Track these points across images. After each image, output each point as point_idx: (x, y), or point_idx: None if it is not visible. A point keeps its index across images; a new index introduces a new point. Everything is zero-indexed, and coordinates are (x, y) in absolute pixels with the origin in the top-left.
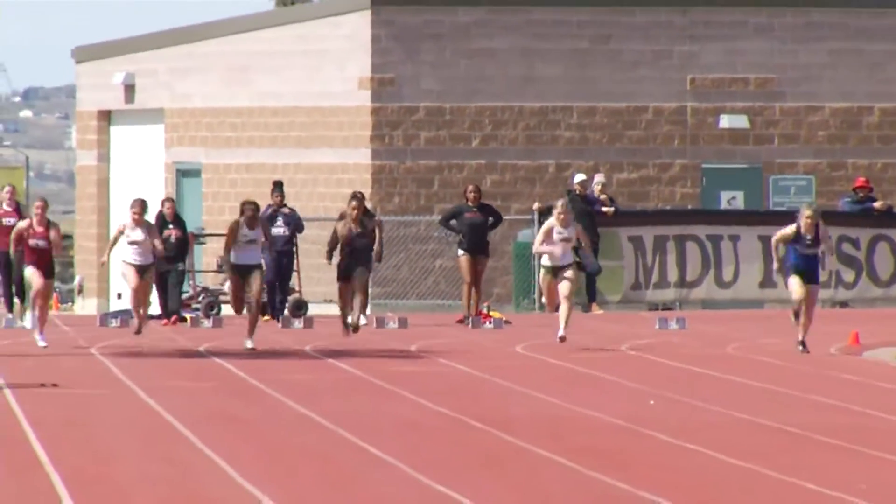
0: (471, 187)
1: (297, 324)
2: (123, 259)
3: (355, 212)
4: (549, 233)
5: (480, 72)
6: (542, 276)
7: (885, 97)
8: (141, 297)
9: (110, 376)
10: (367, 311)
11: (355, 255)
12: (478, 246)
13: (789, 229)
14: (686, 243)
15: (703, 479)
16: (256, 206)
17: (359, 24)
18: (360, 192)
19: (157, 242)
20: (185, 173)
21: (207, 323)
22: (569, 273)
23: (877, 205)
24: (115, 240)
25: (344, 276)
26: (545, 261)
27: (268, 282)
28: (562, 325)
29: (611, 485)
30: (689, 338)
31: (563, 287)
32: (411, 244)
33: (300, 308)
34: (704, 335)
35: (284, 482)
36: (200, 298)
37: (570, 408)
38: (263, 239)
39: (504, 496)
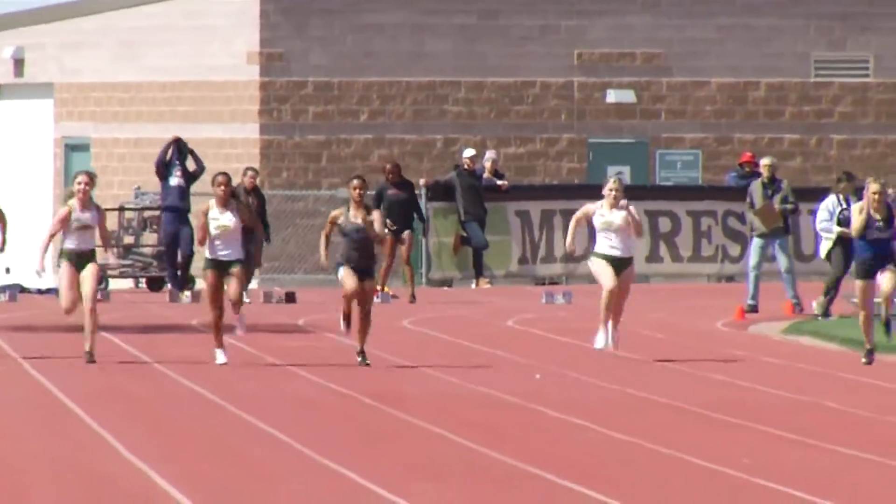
0: (388, 166)
1: (186, 298)
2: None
3: (358, 193)
4: (588, 218)
5: (369, 47)
6: (593, 264)
7: (772, 72)
8: (73, 300)
9: None
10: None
11: (360, 248)
12: (403, 222)
13: (857, 213)
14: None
15: (588, 454)
16: (229, 179)
17: None
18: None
19: (105, 228)
20: (73, 148)
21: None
22: (627, 273)
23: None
24: (57, 230)
25: (352, 267)
26: (601, 248)
27: (186, 254)
28: (609, 334)
29: (499, 459)
30: (575, 312)
31: (622, 285)
32: (299, 219)
33: (188, 281)
34: (591, 310)
35: (175, 458)
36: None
37: (458, 383)
38: (239, 221)
39: (393, 471)
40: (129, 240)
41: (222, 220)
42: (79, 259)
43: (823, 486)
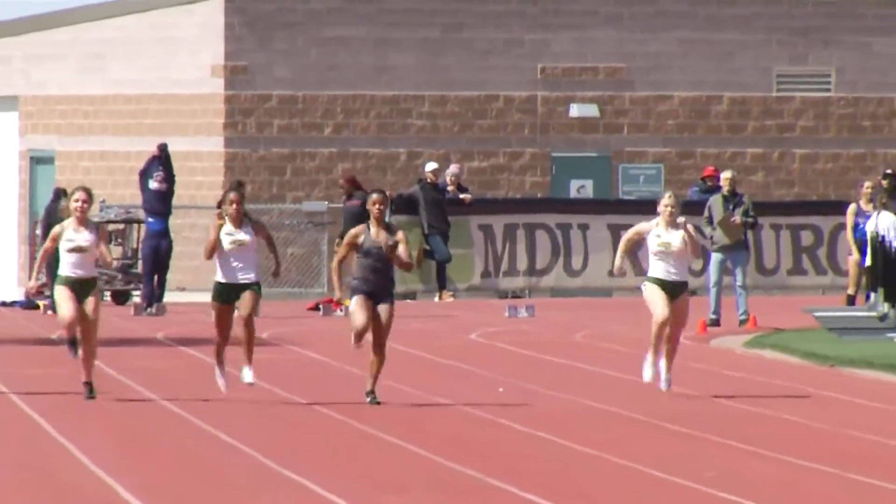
0: (342, 180)
1: (150, 310)
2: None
3: (378, 209)
4: (641, 238)
5: (333, 60)
6: (646, 290)
7: (734, 86)
8: (74, 318)
9: None
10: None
11: (379, 269)
12: None
13: None
14: (536, 232)
15: (552, 467)
16: (241, 197)
17: (212, 12)
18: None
19: (105, 250)
20: (38, 161)
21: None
22: (682, 300)
23: (737, 219)
24: (49, 251)
25: (363, 292)
26: (656, 271)
27: (146, 272)
28: (663, 371)
29: (462, 472)
30: (538, 325)
31: (675, 321)
32: None
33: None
34: (553, 323)
35: (138, 469)
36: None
37: (421, 395)
38: (255, 238)
39: (355, 483)
40: None
41: (237, 235)
42: (77, 286)
43: (784, 499)
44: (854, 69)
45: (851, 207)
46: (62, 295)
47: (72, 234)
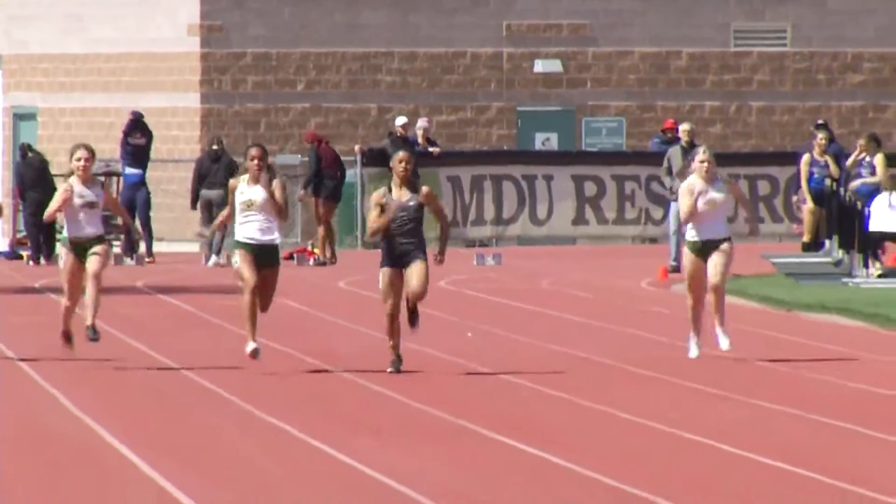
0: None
1: (129, 260)
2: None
3: (404, 168)
4: (692, 194)
5: (305, 19)
6: (684, 257)
7: (693, 42)
8: (76, 290)
9: None
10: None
11: (407, 231)
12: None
13: None
14: (502, 183)
15: (521, 411)
16: (264, 152)
17: None
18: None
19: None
20: (21, 117)
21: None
22: (724, 247)
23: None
24: (59, 208)
25: (392, 260)
26: (690, 235)
27: (141, 219)
28: (721, 336)
29: (435, 415)
30: (505, 273)
31: (713, 270)
32: None
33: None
34: (520, 270)
35: (122, 416)
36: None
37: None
38: (279, 200)
39: (332, 427)
40: None
41: (249, 193)
42: (85, 249)
43: (747, 440)
44: (809, 25)
45: (805, 157)
46: (66, 269)
47: (80, 189)
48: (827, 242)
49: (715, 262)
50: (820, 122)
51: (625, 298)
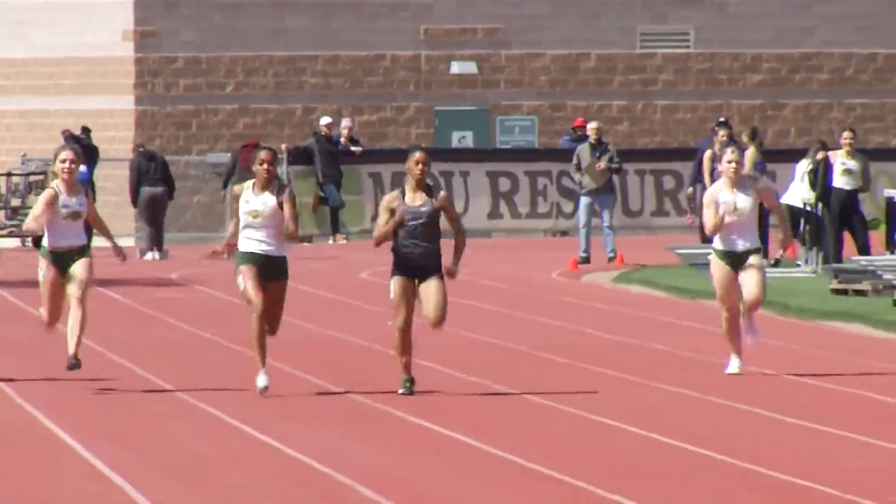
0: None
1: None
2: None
3: (420, 169)
4: (715, 205)
5: (234, 24)
6: (712, 266)
7: (602, 44)
8: (56, 307)
9: None
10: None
11: (420, 241)
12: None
13: None
14: None
15: (436, 394)
16: (274, 156)
17: None
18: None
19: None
20: None
21: None
22: (755, 261)
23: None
24: (43, 213)
25: (405, 269)
26: (716, 244)
27: None
28: (748, 331)
29: (354, 399)
30: None
31: (750, 288)
32: None
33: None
34: None
35: (61, 403)
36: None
37: (318, 330)
38: (288, 216)
39: (258, 410)
40: (16, 202)
41: (255, 203)
42: (66, 261)
43: (652, 420)
44: (711, 27)
45: (707, 153)
46: (47, 284)
47: (64, 199)
48: None
49: (748, 279)
50: (721, 119)
51: (537, 288)
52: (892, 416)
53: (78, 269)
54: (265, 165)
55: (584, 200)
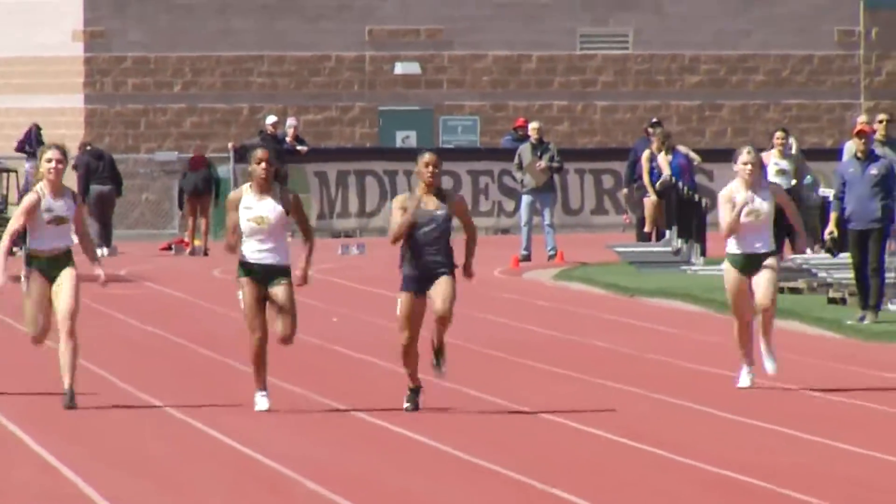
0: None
1: (16, 251)
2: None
3: (430, 172)
4: (732, 204)
5: (181, 25)
6: (725, 273)
7: (543, 46)
8: (45, 324)
9: None
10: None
11: (432, 247)
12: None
13: None
14: (365, 178)
15: (379, 388)
16: (271, 156)
17: None
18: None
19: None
20: None
21: None
22: (770, 262)
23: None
24: (21, 226)
25: (416, 283)
26: (731, 247)
27: None
28: (766, 357)
29: (300, 394)
30: (368, 262)
31: (763, 290)
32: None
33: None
34: (382, 259)
35: (10, 397)
36: None
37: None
38: (303, 224)
39: (203, 402)
40: None
41: (259, 209)
42: (52, 265)
43: (594, 417)
44: (650, 30)
45: (646, 153)
46: (33, 296)
47: (48, 202)
48: (667, 232)
49: (762, 281)
50: (654, 120)
51: (479, 286)
52: (822, 413)
53: (65, 294)
54: (263, 164)
55: (525, 199)
